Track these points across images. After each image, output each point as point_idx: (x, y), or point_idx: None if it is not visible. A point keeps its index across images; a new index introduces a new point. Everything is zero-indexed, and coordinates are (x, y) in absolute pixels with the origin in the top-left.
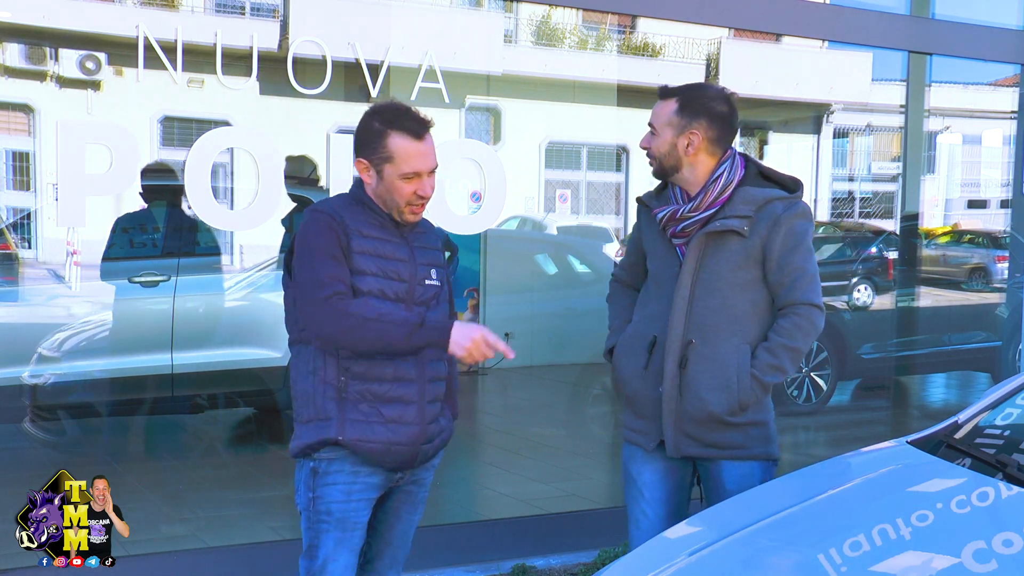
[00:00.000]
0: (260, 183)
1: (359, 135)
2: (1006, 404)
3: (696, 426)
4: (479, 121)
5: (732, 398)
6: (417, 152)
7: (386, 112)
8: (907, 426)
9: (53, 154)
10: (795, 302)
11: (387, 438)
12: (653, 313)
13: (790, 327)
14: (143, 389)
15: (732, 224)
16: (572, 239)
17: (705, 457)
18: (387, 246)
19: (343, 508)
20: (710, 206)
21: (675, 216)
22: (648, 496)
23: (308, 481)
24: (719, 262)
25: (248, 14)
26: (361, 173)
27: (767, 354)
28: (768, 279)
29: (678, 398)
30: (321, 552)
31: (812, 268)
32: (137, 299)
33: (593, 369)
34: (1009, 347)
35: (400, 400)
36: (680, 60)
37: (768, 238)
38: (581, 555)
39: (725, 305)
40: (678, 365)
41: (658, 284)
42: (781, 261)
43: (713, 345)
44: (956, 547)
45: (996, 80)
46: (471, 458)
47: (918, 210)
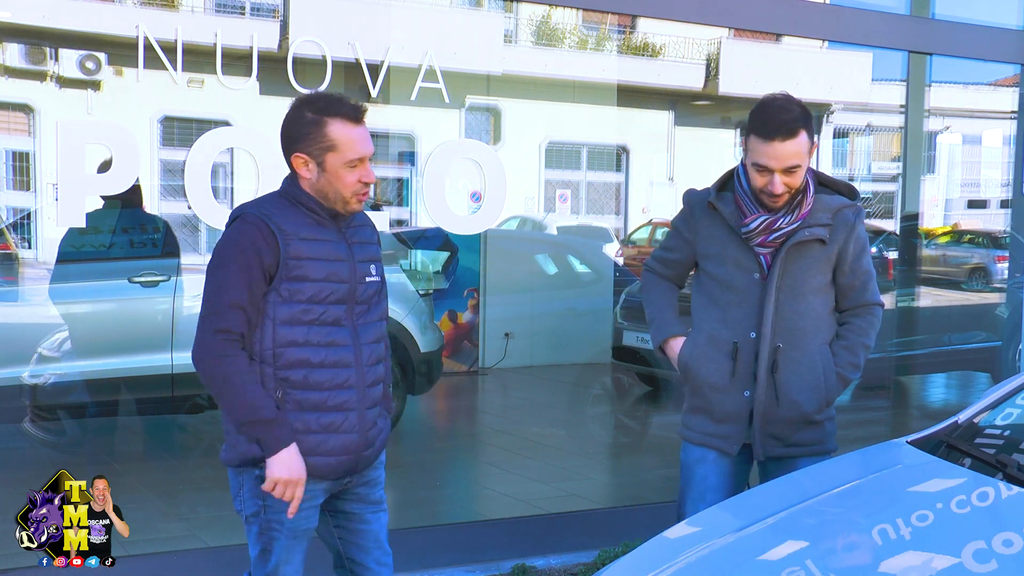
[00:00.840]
0: (260, 183)
1: (290, 129)
2: (1006, 404)
3: (784, 427)
4: (479, 121)
5: (821, 397)
6: (359, 137)
7: (319, 101)
8: (907, 426)
9: (53, 154)
10: (867, 303)
11: (328, 449)
12: (734, 319)
13: (866, 326)
14: (143, 389)
15: (819, 233)
16: (572, 239)
17: (786, 456)
18: (325, 247)
19: (294, 517)
20: (801, 216)
21: (771, 227)
22: (710, 499)
23: (255, 490)
24: (802, 268)
25: (248, 14)
26: (298, 169)
27: (848, 353)
28: (839, 281)
29: (769, 402)
30: (274, 557)
31: (874, 270)
32: (137, 299)
33: (593, 369)
34: (1009, 347)
35: (339, 408)
36: (680, 60)
37: (844, 245)
38: (581, 555)
39: (809, 309)
40: (769, 371)
41: (732, 290)
42: (854, 265)
43: (801, 348)
44: (956, 547)
45: (996, 80)
46: (471, 458)
47: (918, 210)
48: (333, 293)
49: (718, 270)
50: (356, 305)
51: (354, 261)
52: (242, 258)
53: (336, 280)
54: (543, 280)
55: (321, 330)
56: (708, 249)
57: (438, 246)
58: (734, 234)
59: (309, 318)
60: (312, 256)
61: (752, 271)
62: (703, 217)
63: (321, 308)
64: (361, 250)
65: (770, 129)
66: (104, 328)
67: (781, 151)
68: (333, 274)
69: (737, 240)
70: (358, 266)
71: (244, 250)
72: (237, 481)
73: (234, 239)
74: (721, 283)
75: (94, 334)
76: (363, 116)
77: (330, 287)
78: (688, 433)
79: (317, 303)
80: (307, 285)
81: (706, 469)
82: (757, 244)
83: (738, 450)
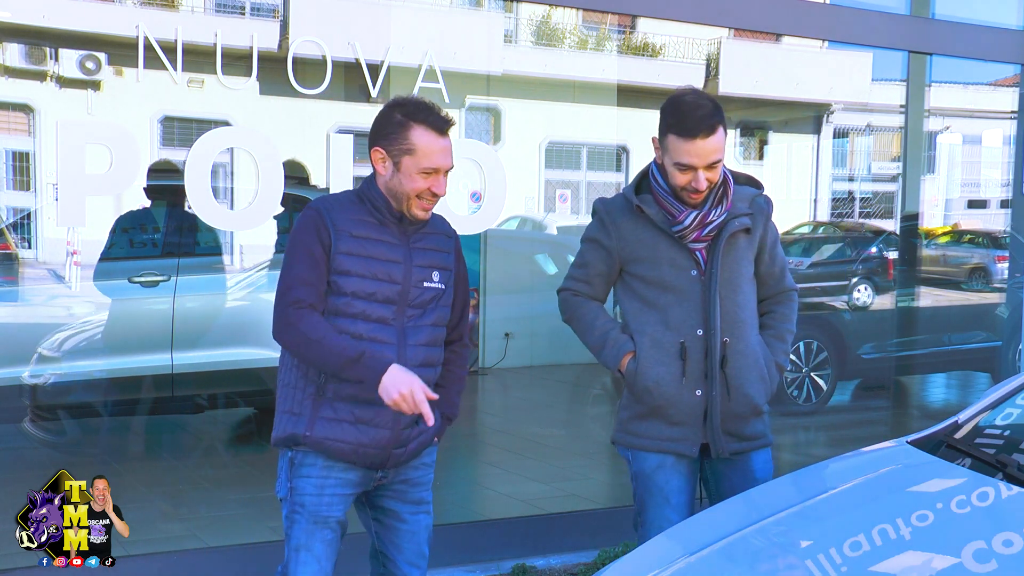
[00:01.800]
0: (260, 183)
1: (379, 124)
2: (1006, 404)
3: (738, 422)
4: (479, 121)
5: (768, 387)
6: (440, 148)
7: (409, 105)
8: (907, 426)
9: (53, 154)
10: (786, 288)
11: (355, 439)
12: (676, 319)
13: (789, 313)
14: (143, 389)
15: (746, 222)
16: (572, 239)
17: (740, 451)
18: (379, 247)
19: (315, 501)
20: (728, 207)
21: (704, 220)
22: (675, 502)
23: (287, 471)
24: (735, 260)
25: (248, 14)
26: (375, 163)
27: (780, 342)
28: (760, 270)
29: (723, 398)
30: (293, 540)
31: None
32: (137, 299)
33: (593, 369)
34: (1009, 347)
35: (372, 402)
36: (680, 60)
37: (763, 233)
38: (581, 555)
39: (746, 300)
40: (720, 366)
41: (670, 290)
42: (772, 252)
43: (745, 340)
44: (956, 547)
45: (996, 80)
46: (471, 458)
47: (918, 210)
48: (380, 292)
49: (651, 272)
50: (408, 308)
51: (411, 265)
52: (304, 240)
53: (386, 280)
54: (543, 280)
55: (365, 325)
56: (637, 253)
57: None
58: (664, 234)
59: (352, 311)
60: (360, 253)
61: (689, 268)
62: (625, 222)
63: (364, 304)
64: (423, 256)
65: (690, 127)
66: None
67: (703, 148)
68: (385, 274)
69: (668, 239)
70: (415, 270)
71: (306, 233)
72: (280, 462)
73: (298, 226)
74: (656, 285)
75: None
76: (447, 129)
77: (376, 285)
78: (640, 441)
79: (360, 298)
80: (351, 280)
81: (666, 475)
82: (691, 241)
83: (696, 451)
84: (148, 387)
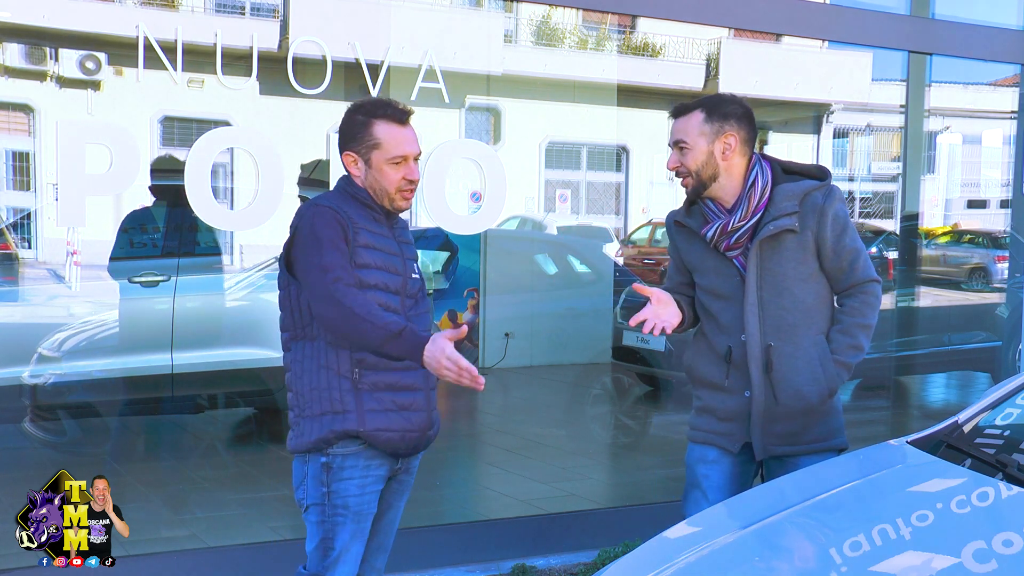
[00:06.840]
0: (260, 183)
1: (343, 130)
2: (1006, 404)
3: (788, 424)
4: (479, 121)
5: (822, 387)
6: (403, 136)
7: (367, 105)
8: (907, 426)
9: (53, 154)
10: (858, 281)
11: (401, 426)
12: (725, 325)
13: (860, 305)
14: (143, 389)
15: (785, 224)
16: (572, 239)
17: (789, 455)
18: (383, 240)
19: (359, 501)
20: (755, 211)
21: (725, 230)
22: (712, 499)
23: (320, 476)
24: (780, 262)
25: (248, 14)
26: (349, 167)
27: (844, 336)
28: (825, 267)
29: (767, 401)
30: (338, 544)
31: (861, 245)
32: (137, 299)
33: (593, 369)
34: (1009, 347)
35: (409, 388)
36: (680, 60)
37: (818, 229)
38: (581, 555)
39: (796, 302)
40: (763, 371)
41: (720, 297)
42: (835, 247)
43: (794, 343)
44: (956, 547)
45: (996, 80)
46: (471, 458)
47: (918, 210)
48: (391, 283)
49: (703, 280)
50: (406, 298)
51: (404, 257)
52: (329, 235)
53: (393, 271)
54: (543, 280)
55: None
56: (692, 263)
57: (438, 246)
58: (707, 244)
59: (377, 303)
60: (375, 246)
61: (732, 276)
62: (678, 235)
63: (383, 295)
64: (407, 248)
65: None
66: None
67: (672, 127)
68: (391, 266)
69: (711, 249)
70: (407, 262)
71: (330, 228)
72: (302, 470)
73: (317, 220)
74: (709, 292)
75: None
76: (408, 118)
77: (388, 276)
78: (692, 433)
79: (380, 290)
80: (372, 272)
81: (707, 468)
82: (724, 249)
83: (739, 448)
84: (148, 387)
